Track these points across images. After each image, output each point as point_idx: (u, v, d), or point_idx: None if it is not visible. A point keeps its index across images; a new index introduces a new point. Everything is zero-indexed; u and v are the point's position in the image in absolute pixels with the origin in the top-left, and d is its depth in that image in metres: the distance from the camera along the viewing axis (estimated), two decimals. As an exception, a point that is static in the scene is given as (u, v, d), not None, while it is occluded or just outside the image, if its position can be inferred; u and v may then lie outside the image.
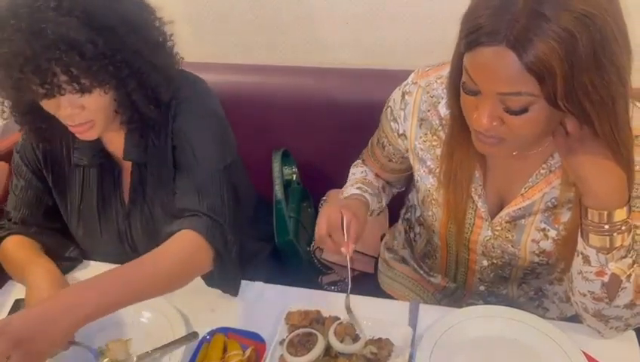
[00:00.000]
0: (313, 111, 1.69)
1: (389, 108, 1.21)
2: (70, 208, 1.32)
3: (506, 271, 1.21)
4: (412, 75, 1.17)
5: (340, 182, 1.49)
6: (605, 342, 1.07)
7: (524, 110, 0.86)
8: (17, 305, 1.23)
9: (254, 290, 1.24)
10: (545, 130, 0.92)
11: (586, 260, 0.96)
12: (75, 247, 1.34)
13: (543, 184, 1.06)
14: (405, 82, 1.18)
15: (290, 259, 1.57)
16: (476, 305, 1.23)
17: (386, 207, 1.40)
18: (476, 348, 1.07)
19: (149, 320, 1.17)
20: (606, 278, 0.96)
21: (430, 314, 1.14)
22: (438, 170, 1.14)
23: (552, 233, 1.08)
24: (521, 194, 1.08)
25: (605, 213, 0.92)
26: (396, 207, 1.44)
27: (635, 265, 0.96)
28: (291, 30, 1.85)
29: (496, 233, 1.13)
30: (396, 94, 1.19)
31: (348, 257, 1.07)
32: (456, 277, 1.30)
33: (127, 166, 1.27)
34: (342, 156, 1.44)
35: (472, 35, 0.83)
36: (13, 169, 1.33)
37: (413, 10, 1.72)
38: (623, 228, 0.93)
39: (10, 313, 1.21)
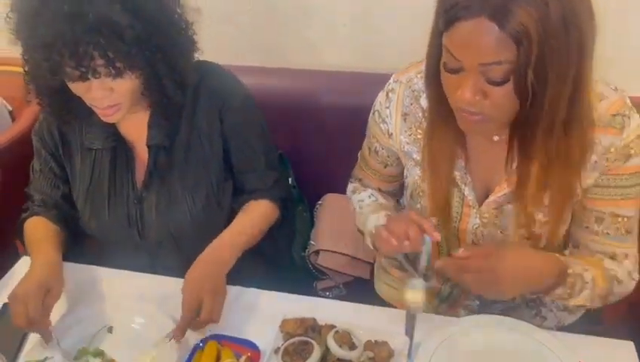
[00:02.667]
0: (309, 115, 1.68)
1: (376, 112, 1.22)
2: (79, 189, 1.32)
3: None
4: (393, 76, 1.20)
5: (335, 186, 1.48)
6: (603, 353, 1.07)
7: (505, 80, 0.88)
8: (4, 309, 1.21)
9: (248, 297, 1.23)
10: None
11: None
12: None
13: None
14: (388, 83, 1.20)
15: (284, 264, 1.56)
16: (473, 307, 1.24)
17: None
18: (474, 358, 1.06)
19: (141, 326, 1.16)
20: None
21: (427, 323, 1.12)
22: (422, 160, 1.15)
23: (539, 216, 1.09)
24: (505, 180, 1.09)
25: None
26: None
27: (602, 262, 1.08)
28: (287, 32, 1.83)
29: (485, 220, 1.14)
30: (381, 96, 1.21)
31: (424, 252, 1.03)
32: (449, 275, 1.29)
33: (141, 150, 1.29)
34: (337, 160, 1.42)
35: (451, 12, 0.87)
36: (34, 152, 1.35)
37: (411, 13, 1.70)
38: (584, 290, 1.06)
39: (-3, 317, 1.20)
